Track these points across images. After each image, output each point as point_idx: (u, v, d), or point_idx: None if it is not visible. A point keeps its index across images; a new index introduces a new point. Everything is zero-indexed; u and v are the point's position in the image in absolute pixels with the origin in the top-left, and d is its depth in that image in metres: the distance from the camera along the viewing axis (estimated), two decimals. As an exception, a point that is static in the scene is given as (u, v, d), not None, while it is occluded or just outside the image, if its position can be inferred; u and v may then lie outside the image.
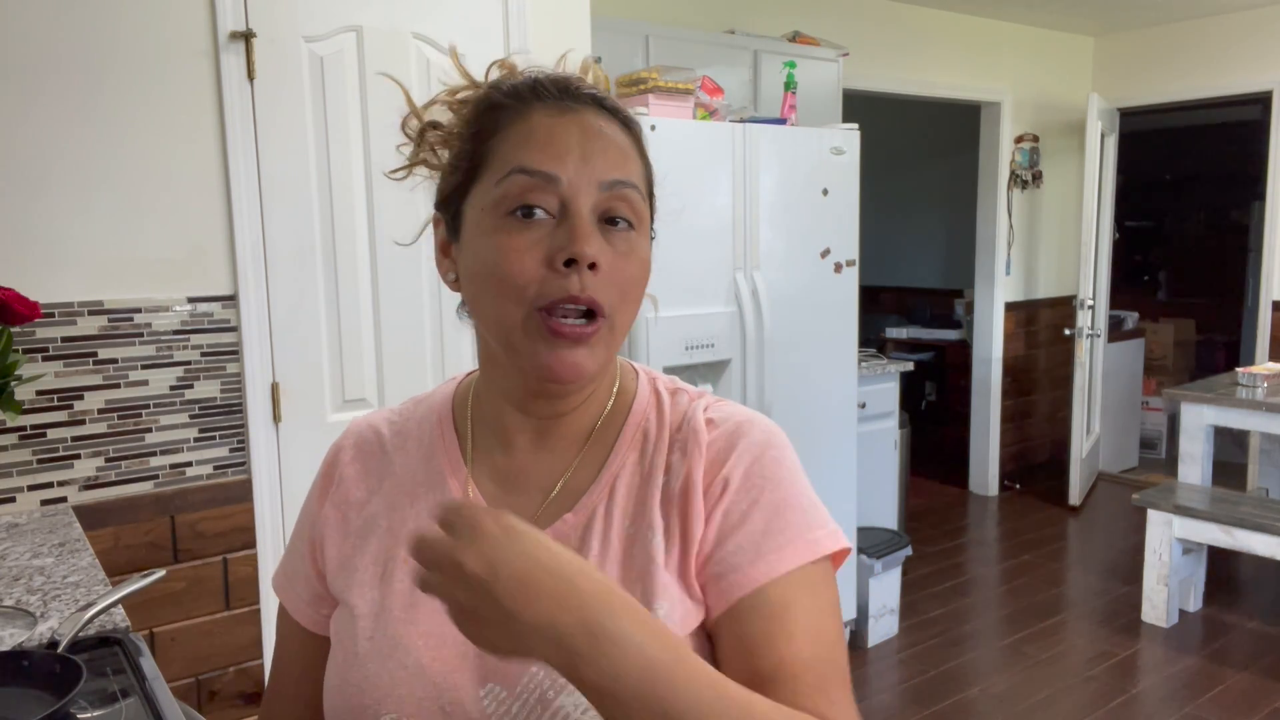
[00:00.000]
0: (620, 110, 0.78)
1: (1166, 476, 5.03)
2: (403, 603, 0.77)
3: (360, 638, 0.77)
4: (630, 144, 0.76)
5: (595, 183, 0.72)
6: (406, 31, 2.38)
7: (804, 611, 0.71)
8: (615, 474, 0.78)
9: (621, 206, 0.73)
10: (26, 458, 2.00)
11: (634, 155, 0.76)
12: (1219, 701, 3.07)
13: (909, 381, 5.20)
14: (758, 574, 0.71)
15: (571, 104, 0.75)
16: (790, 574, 0.72)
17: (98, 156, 2.03)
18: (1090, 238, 5.03)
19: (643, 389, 0.82)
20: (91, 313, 2.05)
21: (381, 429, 0.87)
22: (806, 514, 0.75)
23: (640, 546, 0.74)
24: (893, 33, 4.64)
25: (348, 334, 2.36)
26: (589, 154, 0.72)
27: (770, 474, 0.75)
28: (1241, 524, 3.37)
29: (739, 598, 0.71)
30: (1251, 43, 4.98)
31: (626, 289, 0.73)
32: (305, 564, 0.87)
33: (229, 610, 2.25)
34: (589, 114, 0.75)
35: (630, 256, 0.73)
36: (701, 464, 0.76)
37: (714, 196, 2.89)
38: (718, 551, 0.73)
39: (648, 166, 0.78)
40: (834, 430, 3.31)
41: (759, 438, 0.77)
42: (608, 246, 0.72)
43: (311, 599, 0.87)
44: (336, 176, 2.31)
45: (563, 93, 0.75)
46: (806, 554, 0.73)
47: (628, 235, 0.73)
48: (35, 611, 1.38)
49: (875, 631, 3.52)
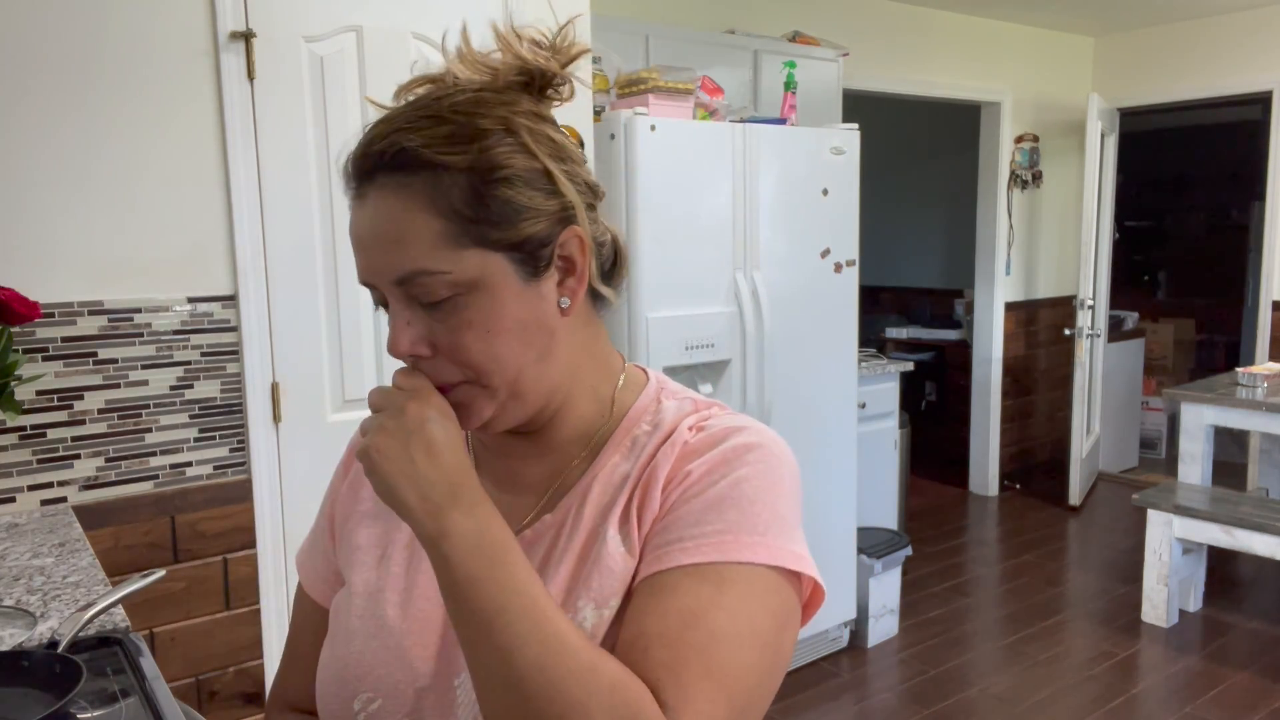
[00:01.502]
0: (408, 158, 0.68)
1: (1166, 476, 5.03)
2: (397, 586, 0.79)
3: (353, 615, 0.79)
4: (417, 206, 0.68)
5: (389, 282, 0.70)
6: (406, 31, 2.38)
7: (692, 598, 0.66)
8: (594, 476, 0.77)
9: (423, 291, 0.69)
10: (26, 458, 2.00)
11: (415, 225, 0.68)
12: (1219, 701, 3.07)
13: (909, 381, 5.20)
14: (669, 558, 0.69)
15: (362, 188, 0.71)
16: (701, 566, 0.68)
17: (98, 156, 2.03)
18: (1090, 238, 5.03)
19: (644, 398, 0.81)
20: (91, 313, 2.05)
21: None
22: (754, 518, 0.69)
23: (600, 542, 0.73)
24: (893, 33, 4.64)
25: (348, 334, 2.36)
26: (372, 252, 0.70)
27: (737, 472, 0.71)
28: (1241, 524, 3.37)
29: (645, 574, 0.70)
30: (1251, 43, 4.98)
31: (469, 355, 0.70)
32: (324, 540, 0.89)
33: (229, 610, 2.25)
34: (375, 193, 0.69)
35: (458, 327, 0.69)
36: (670, 462, 0.74)
37: (714, 196, 2.89)
38: (651, 535, 0.71)
39: (457, 210, 0.68)
40: (834, 430, 3.31)
41: (742, 441, 0.73)
42: (434, 325, 0.70)
43: (328, 576, 0.88)
44: (337, 176, 2.31)
45: (358, 175, 0.71)
46: (728, 554, 0.68)
47: (448, 306, 0.69)
48: (35, 611, 1.38)
49: (875, 631, 3.52)
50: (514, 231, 0.70)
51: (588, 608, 0.71)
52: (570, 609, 0.71)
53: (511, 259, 0.70)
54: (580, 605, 0.71)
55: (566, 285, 0.74)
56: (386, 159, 0.69)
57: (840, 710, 3.08)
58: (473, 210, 0.68)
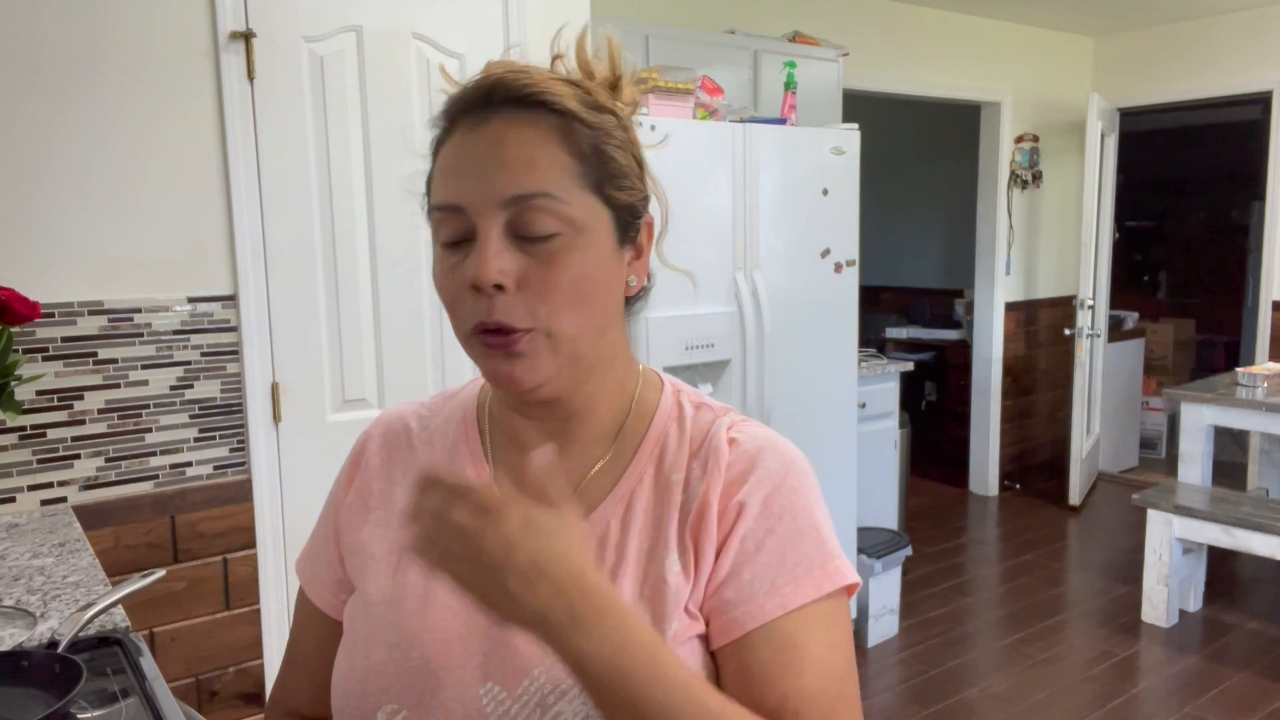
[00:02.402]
0: (549, 100, 0.72)
1: (1166, 476, 5.03)
2: (415, 594, 0.78)
3: (371, 625, 0.78)
4: (549, 140, 0.71)
5: (496, 203, 0.69)
6: (406, 31, 2.38)
7: (815, 645, 0.71)
8: (632, 488, 0.77)
9: (532, 220, 0.69)
10: (26, 458, 2.00)
11: (548, 154, 0.71)
12: (1219, 701, 3.07)
13: (909, 381, 5.20)
14: (772, 607, 0.71)
15: (488, 114, 0.72)
16: (804, 608, 0.71)
17: (98, 156, 2.03)
18: (1090, 238, 5.03)
19: (665, 401, 0.81)
20: (91, 313, 2.05)
21: (410, 422, 0.88)
22: (822, 546, 0.74)
23: (655, 566, 0.73)
24: (893, 33, 4.64)
25: (348, 334, 2.36)
26: (489, 173, 0.70)
27: (788, 503, 0.74)
28: (1241, 524, 3.37)
29: (750, 629, 0.71)
30: (1251, 43, 4.98)
31: (556, 298, 0.70)
32: (328, 548, 0.88)
33: (229, 610, 2.25)
34: (501, 122, 0.71)
35: (555, 265, 0.70)
36: (719, 486, 0.75)
37: (714, 196, 2.89)
38: (731, 580, 0.72)
39: (585, 154, 0.72)
40: (834, 430, 3.31)
41: (778, 465, 0.76)
42: (527, 260, 0.70)
43: (332, 584, 0.87)
44: (336, 176, 2.31)
45: (485, 101, 0.72)
46: (821, 588, 0.72)
47: (549, 245, 0.70)
48: (35, 611, 1.38)
49: (875, 631, 3.52)
50: (623, 194, 0.75)
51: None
52: None
53: (615, 219, 0.74)
54: None
55: (634, 267, 0.78)
56: (524, 94, 0.72)
57: (840, 710, 3.07)
58: (598, 160, 0.73)
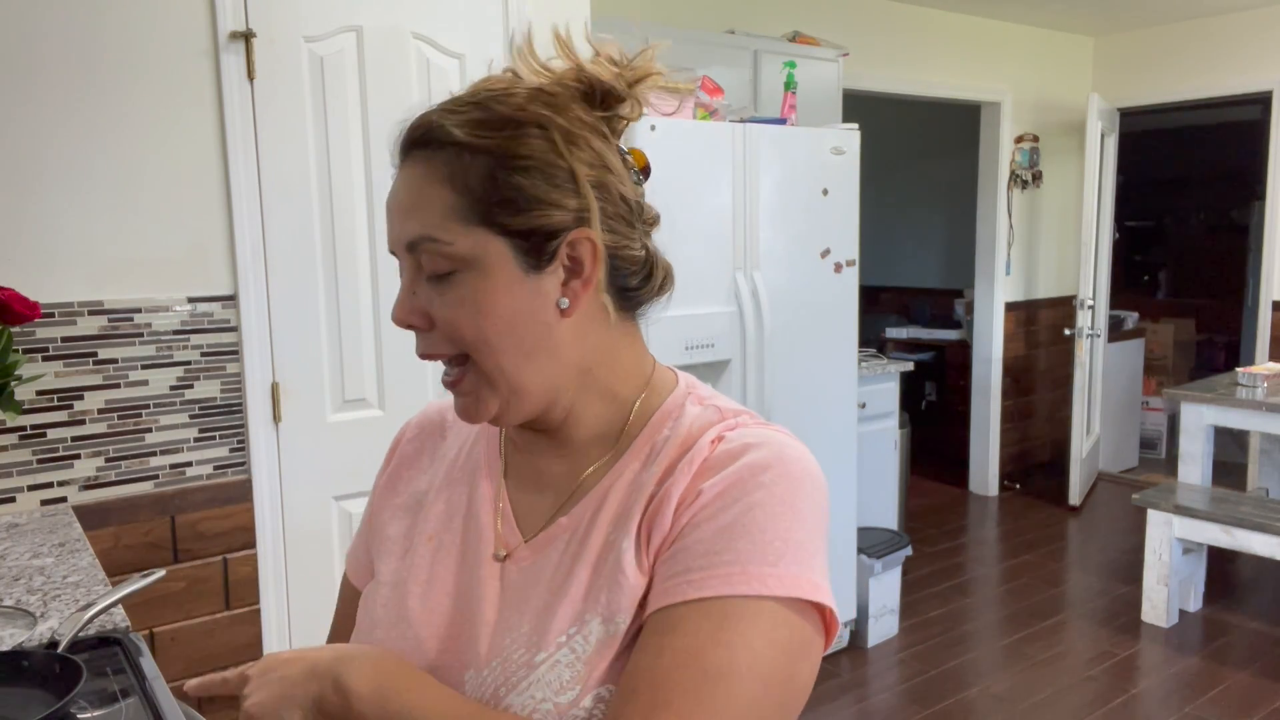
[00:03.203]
0: (436, 136, 0.72)
1: (1166, 476, 5.03)
2: (419, 578, 0.81)
3: (378, 605, 0.82)
4: (435, 178, 0.71)
5: (401, 247, 0.74)
6: (406, 31, 2.38)
7: (691, 636, 0.65)
8: (611, 483, 0.76)
9: (428, 262, 0.72)
10: (26, 458, 2.00)
11: (428, 195, 0.71)
12: (1219, 701, 3.07)
13: (909, 381, 5.20)
14: (676, 592, 0.67)
15: (402, 158, 0.75)
16: (706, 601, 0.66)
17: (98, 156, 2.03)
18: (1090, 238, 5.03)
19: (669, 402, 0.79)
20: (91, 313, 2.05)
21: (447, 414, 0.91)
22: (764, 548, 0.67)
23: (613, 555, 0.72)
24: (893, 33, 4.64)
25: (348, 334, 2.36)
26: (393, 219, 0.74)
27: (750, 496, 0.68)
28: (1241, 524, 3.37)
29: (654, 608, 0.68)
30: (1251, 43, 4.98)
31: (464, 333, 0.72)
32: (366, 531, 0.92)
33: (229, 610, 2.25)
34: (406, 166, 0.74)
35: (455, 302, 0.71)
36: (687, 479, 0.72)
37: (714, 196, 2.89)
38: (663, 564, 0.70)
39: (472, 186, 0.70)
40: (834, 430, 3.31)
41: (757, 461, 0.70)
42: (438, 297, 0.72)
43: (369, 565, 0.90)
44: (336, 176, 2.31)
45: (400, 150, 0.75)
46: (734, 587, 0.66)
47: (450, 282, 0.71)
48: (35, 611, 1.38)
49: (875, 631, 3.52)
50: (521, 220, 0.71)
51: (594, 621, 0.70)
52: (578, 622, 0.71)
53: (514, 246, 0.71)
54: (588, 619, 0.71)
55: (570, 286, 0.73)
56: (420, 135, 0.73)
57: (840, 710, 3.08)
58: (485, 191, 0.70)
